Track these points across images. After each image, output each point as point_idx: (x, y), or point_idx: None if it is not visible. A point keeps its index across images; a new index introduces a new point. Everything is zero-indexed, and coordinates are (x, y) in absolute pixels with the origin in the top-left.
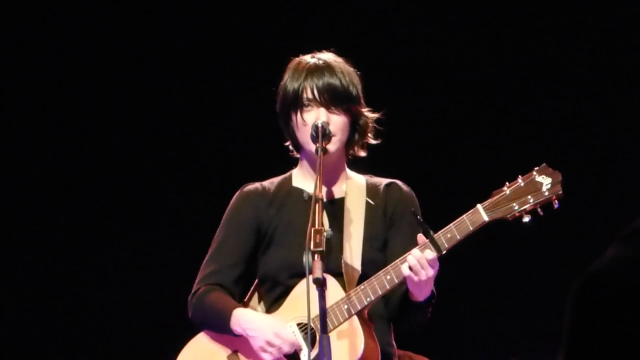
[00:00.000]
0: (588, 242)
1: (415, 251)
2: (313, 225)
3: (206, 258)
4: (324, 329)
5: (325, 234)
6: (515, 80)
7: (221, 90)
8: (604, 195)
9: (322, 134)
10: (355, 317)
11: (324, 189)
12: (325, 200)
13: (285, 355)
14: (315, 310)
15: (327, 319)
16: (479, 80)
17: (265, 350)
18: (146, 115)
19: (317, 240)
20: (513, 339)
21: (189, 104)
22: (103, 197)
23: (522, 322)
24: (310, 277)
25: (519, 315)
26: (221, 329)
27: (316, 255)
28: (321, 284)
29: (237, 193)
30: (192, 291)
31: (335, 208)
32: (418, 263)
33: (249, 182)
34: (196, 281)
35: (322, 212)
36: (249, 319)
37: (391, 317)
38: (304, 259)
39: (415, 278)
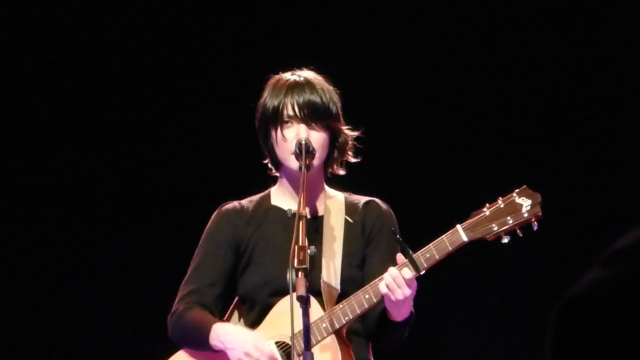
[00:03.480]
0: (567, 261)
1: (392, 269)
2: (297, 242)
3: (185, 277)
4: (308, 347)
5: (309, 251)
6: (496, 101)
7: (199, 107)
8: (586, 216)
9: (305, 151)
10: (333, 336)
11: None
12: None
13: None
14: (295, 328)
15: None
16: (459, 101)
17: None
18: (125, 133)
19: (301, 258)
20: (495, 356)
21: (168, 122)
22: (83, 214)
23: (503, 340)
24: (294, 295)
25: (501, 333)
26: (201, 345)
27: (300, 273)
28: (305, 302)
29: (215, 212)
30: (172, 310)
31: (315, 226)
32: (394, 282)
33: (227, 200)
34: (175, 301)
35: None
36: (228, 332)
37: (368, 334)
38: (288, 276)
39: (392, 297)
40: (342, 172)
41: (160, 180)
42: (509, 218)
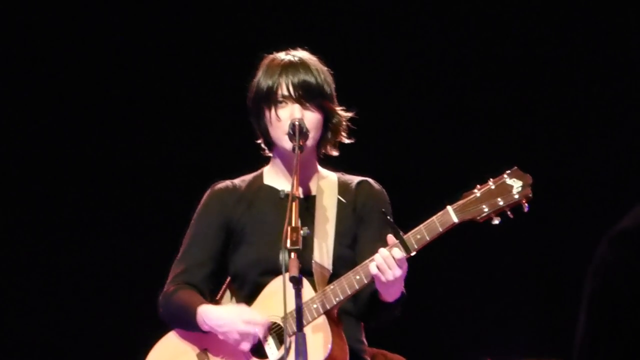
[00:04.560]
0: (556, 242)
1: (383, 250)
2: (290, 223)
3: (177, 257)
4: (300, 328)
5: (302, 232)
6: (489, 82)
7: (192, 87)
8: (576, 197)
9: (299, 132)
10: (323, 316)
11: None
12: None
13: (254, 354)
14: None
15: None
16: (451, 81)
17: (241, 341)
18: (116, 115)
19: (294, 239)
20: (489, 338)
21: (160, 103)
22: (74, 198)
23: (497, 322)
24: (286, 275)
25: (495, 314)
26: (189, 326)
27: (292, 254)
28: (297, 283)
29: (207, 191)
30: (162, 291)
31: (307, 206)
32: (385, 262)
33: (219, 180)
34: (167, 281)
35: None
36: (215, 315)
37: (360, 314)
38: (281, 257)
39: (383, 277)
40: (335, 152)
41: (153, 159)
42: (499, 199)
